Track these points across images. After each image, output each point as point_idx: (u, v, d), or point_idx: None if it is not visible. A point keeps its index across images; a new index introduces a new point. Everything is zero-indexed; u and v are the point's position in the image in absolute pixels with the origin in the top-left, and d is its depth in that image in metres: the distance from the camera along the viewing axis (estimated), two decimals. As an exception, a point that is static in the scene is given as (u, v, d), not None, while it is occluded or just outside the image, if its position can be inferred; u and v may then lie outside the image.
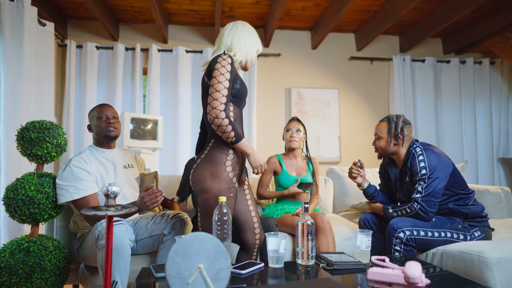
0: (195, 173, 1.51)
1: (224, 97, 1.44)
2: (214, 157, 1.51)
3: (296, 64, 4.13)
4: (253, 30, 1.66)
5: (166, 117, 3.76)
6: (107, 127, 1.80)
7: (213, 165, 1.49)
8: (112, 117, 1.83)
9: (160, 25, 3.54)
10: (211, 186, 1.47)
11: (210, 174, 1.48)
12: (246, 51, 1.60)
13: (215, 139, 1.54)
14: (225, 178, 1.49)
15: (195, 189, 1.52)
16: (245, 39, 1.60)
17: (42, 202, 1.62)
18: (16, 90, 2.59)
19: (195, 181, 1.51)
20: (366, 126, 4.22)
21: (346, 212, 2.80)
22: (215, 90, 1.44)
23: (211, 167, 1.49)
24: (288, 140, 2.24)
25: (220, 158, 1.50)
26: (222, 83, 1.45)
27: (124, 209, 1.01)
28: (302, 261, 1.44)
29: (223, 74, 1.45)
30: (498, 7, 3.53)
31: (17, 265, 1.54)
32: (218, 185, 1.47)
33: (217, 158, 1.50)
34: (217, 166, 1.49)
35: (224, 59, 1.48)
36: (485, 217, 1.85)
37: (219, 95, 1.43)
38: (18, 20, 2.66)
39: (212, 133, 1.56)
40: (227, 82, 1.46)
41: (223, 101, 1.43)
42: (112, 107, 1.88)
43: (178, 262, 0.90)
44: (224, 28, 1.66)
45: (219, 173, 1.48)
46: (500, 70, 4.40)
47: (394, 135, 1.88)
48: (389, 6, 3.46)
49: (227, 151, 1.52)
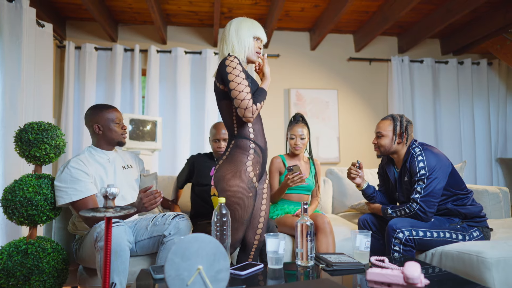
0: (218, 173, 1.54)
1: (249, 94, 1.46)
2: (235, 157, 1.53)
3: (295, 65, 4.14)
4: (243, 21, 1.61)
5: (165, 118, 3.75)
6: (123, 134, 1.85)
7: (234, 165, 1.52)
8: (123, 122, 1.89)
9: (159, 26, 3.54)
10: (232, 186, 1.49)
11: (231, 174, 1.51)
12: (241, 45, 1.59)
13: (235, 140, 1.57)
14: (245, 178, 1.51)
15: (217, 189, 1.54)
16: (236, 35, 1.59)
17: (40, 203, 1.62)
18: (14, 91, 2.59)
19: (217, 180, 1.54)
20: (365, 126, 4.23)
21: (345, 213, 2.80)
22: (238, 92, 1.45)
23: (233, 167, 1.52)
24: (293, 147, 2.22)
25: (240, 158, 1.53)
26: (241, 84, 1.46)
27: (123, 210, 1.01)
28: (301, 262, 1.44)
29: (238, 75, 1.47)
30: (496, 8, 3.54)
31: (15, 267, 1.54)
32: (238, 185, 1.49)
33: (238, 158, 1.53)
34: (238, 166, 1.52)
35: (232, 61, 1.49)
36: (483, 217, 1.85)
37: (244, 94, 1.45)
38: (17, 21, 2.65)
39: (232, 135, 1.59)
40: (245, 81, 1.48)
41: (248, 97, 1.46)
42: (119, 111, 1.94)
43: (177, 264, 0.90)
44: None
45: (240, 173, 1.51)
46: (498, 71, 4.42)
47: (399, 133, 1.89)
48: (387, 7, 3.47)
49: (247, 151, 1.55)
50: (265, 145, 1.64)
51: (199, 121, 3.79)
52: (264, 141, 1.64)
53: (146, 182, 2.03)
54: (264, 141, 1.64)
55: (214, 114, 3.80)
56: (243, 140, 1.56)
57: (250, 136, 1.57)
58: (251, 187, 1.52)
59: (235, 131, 1.58)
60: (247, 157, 1.54)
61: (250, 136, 1.57)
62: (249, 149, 1.55)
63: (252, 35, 1.60)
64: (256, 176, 1.56)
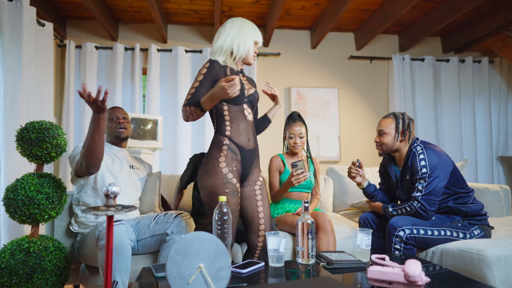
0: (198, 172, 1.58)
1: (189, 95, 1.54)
2: (209, 153, 1.57)
3: (295, 64, 4.14)
4: (246, 23, 1.65)
5: (165, 117, 3.76)
6: (117, 128, 1.91)
7: (208, 161, 1.55)
8: (122, 117, 1.94)
9: (160, 25, 3.54)
10: (205, 183, 1.52)
11: (204, 171, 1.54)
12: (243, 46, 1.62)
13: (214, 136, 1.62)
14: (218, 173, 1.51)
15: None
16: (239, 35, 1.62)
17: (42, 202, 1.62)
18: (15, 90, 2.59)
19: (197, 180, 1.58)
20: (365, 125, 4.23)
21: (346, 211, 2.80)
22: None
23: (206, 164, 1.55)
24: (292, 146, 2.23)
25: (213, 154, 1.56)
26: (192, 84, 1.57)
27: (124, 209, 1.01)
28: (302, 260, 1.44)
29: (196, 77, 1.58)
30: (497, 5, 3.53)
31: (17, 266, 1.54)
32: (211, 181, 1.51)
33: (211, 154, 1.56)
34: (211, 161, 1.55)
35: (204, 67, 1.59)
36: (484, 215, 1.85)
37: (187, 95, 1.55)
38: (17, 20, 2.65)
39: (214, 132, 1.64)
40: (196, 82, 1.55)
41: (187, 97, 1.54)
42: (122, 109, 2.00)
43: (178, 262, 0.90)
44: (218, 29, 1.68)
45: (212, 168, 1.53)
46: (499, 69, 4.40)
47: (402, 131, 1.88)
48: (388, 5, 3.46)
49: (220, 147, 1.57)
50: (250, 146, 1.62)
51: (200, 119, 3.79)
52: (248, 142, 1.62)
53: (150, 181, 2.06)
54: (248, 141, 1.62)
55: (214, 113, 3.80)
56: (218, 136, 1.60)
57: (226, 133, 1.59)
58: (226, 182, 1.51)
59: (215, 127, 1.64)
60: (220, 152, 1.55)
61: (226, 133, 1.59)
62: (223, 145, 1.57)
63: (254, 39, 1.65)
64: (234, 173, 1.54)
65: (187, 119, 1.55)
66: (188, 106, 1.51)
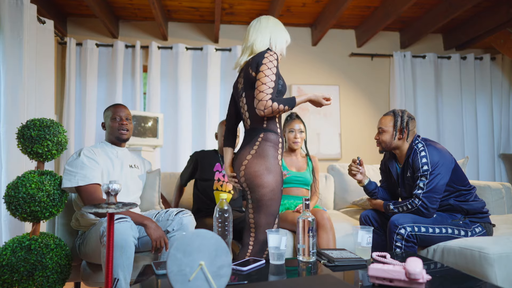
0: (250, 170, 1.52)
1: (270, 89, 1.45)
2: (266, 152, 1.53)
3: (296, 61, 4.12)
4: (277, 22, 1.66)
5: (166, 114, 3.75)
6: (119, 129, 1.88)
7: (267, 160, 1.52)
8: (125, 118, 1.90)
9: (160, 22, 3.53)
10: (268, 181, 1.50)
11: (265, 169, 1.51)
12: (281, 44, 1.62)
13: (264, 133, 1.55)
14: (278, 172, 1.54)
15: (250, 185, 1.52)
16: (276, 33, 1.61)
17: (43, 200, 1.63)
18: (16, 88, 2.59)
19: (251, 177, 1.51)
20: (366, 122, 4.22)
21: (347, 209, 2.80)
22: (261, 83, 1.45)
23: (266, 162, 1.52)
24: (292, 141, 2.24)
25: (272, 153, 1.54)
26: (268, 77, 1.47)
27: (125, 206, 1.01)
28: (303, 258, 1.44)
29: (270, 68, 1.48)
30: (498, 2, 3.51)
31: (18, 263, 1.55)
32: (274, 179, 1.51)
33: (270, 152, 1.54)
34: (271, 160, 1.53)
35: (271, 55, 1.51)
36: (486, 213, 1.85)
37: (265, 87, 1.45)
38: (18, 17, 2.65)
39: (260, 128, 1.56)
40: (273, 76, 1.48)
41: (268, 92, 1.44)
42: (126, 108, 1.95)
43: (179, 259, 0.90)
44: (249, 26, 1.66)
45: (274, 167, 1.53)
46: (501, 66, 4.38)
47: (400, 129, 1.88)
48: (389, 2, 3.44)
49: (277, 144, 1.57)
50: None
51: (201, 117, 3.79)
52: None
53: (150, 179, 2.06)
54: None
55: (215, 110, 3.80)
56: (272, 134, 1.56)
57: (278, 131, 1.59)
58: (283, 180, 1.57)
59: (265, 124, 1.57)
60: (277, 150, 1.56)
61: (278, 131, 1.58)
62: (279, 143, 1.58)
63: (286, 38, 1.67)
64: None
65: (271, 114, 1.46)
66: (282, 105, 1.45)
